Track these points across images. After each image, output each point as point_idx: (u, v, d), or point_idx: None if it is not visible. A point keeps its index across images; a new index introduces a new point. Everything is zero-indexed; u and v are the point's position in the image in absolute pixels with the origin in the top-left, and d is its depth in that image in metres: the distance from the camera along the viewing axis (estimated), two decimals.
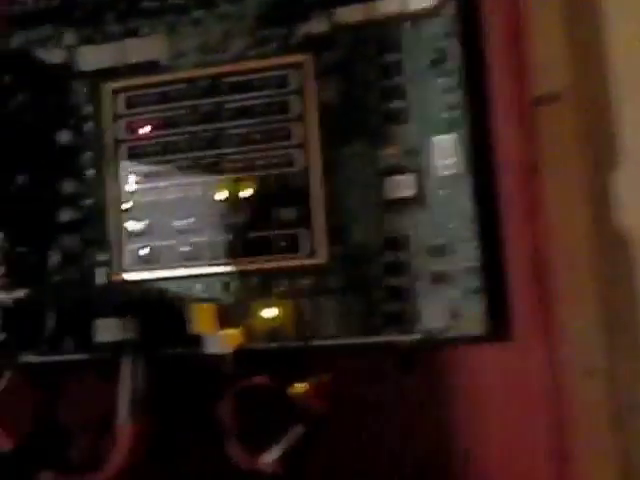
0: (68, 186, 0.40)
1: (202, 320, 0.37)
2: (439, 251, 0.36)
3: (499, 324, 0.36)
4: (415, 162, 0.37)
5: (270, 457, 0.33)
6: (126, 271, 0.39)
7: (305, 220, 0.38)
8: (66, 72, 0.41)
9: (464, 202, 0.36)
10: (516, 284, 0.36)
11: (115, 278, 0.40)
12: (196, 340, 0.38)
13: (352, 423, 0.37)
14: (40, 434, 0.42)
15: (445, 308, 0.36)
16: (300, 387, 0.35)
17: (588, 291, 0.35)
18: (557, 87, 0.36)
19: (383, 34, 0.38)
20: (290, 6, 0.39)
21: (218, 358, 0.36)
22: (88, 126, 0.41)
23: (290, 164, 0.38)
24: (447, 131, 0.37)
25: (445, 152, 0.37)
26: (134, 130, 0.41)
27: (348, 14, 0.37)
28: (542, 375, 0.35)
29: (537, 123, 0.35)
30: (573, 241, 0.35)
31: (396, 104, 0.37)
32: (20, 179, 0.40)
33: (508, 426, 0.36)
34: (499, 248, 0.37)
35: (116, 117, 0.41)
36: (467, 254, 0.36)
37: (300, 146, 0.38)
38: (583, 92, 0.37)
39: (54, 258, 0.39)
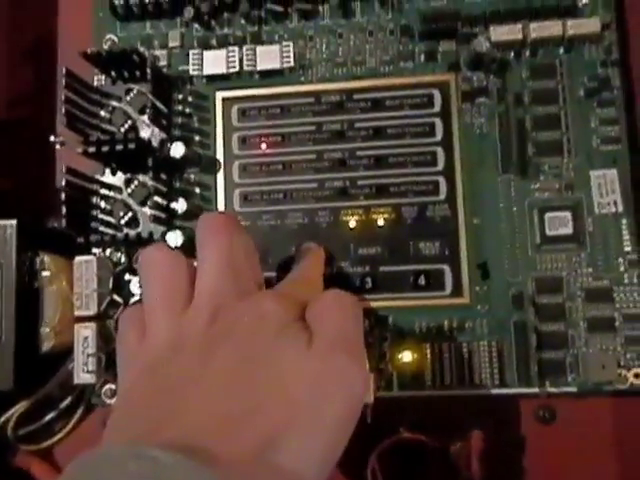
0: (178, 205, 0.35)
1: None
2: (597, 295, 0.34)
3: None
4: (571, 198, 0.34)
5: None
6: None
7: (449, 255, 0.34)
8: (173, 76, 0.37)
9: (625, 243, 0.34)
10: None
11: None
12: None
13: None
14: None
15: (605, 358, 0.33)
16: (458, 445, 0.31)
17: None
18: None
19: (538, 58, 0.35)
20: (434, 22, 0.35)
21: None
22: (197, 139, 0.37)
23: (434, 192, 0.35)
24: (606, 166, 0.34)
25: (604, 188, 0.34)
26: (249, 145, 0.36)
27: (504, 34, 0.34)
28: None
29: None
30: None
31: (551, 134, 0.35)
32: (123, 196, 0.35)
33: None
34: None
35: (228, 130, 0.36)
36: (628, 299, 0.33)
37: (444, 173, 0.35)
38: None
39: None
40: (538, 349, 0.33)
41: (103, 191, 0.36)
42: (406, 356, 0.34)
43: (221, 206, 0.36)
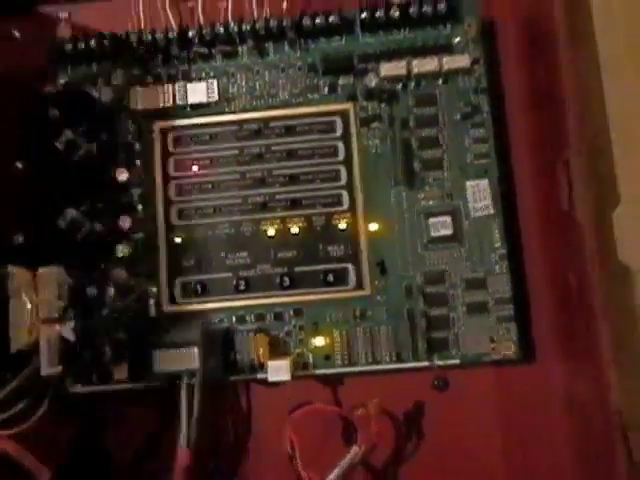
0: (123, 221, 0.42)
1: (262, 350, 0.39)
2: (474, 284, 0.41)
3: (527, 348, 0.41)
4: (451, 204, 0.41)
5: (333, 477, 0.37)
6: (178, 303, 0.42)
7: (352, 255, 0.41)
8: (116, 110, 0.43)
9: (496, 240, 0.41)
10: (540, 313, 0.42)
11: (168, 309, 0.42)
12: (250, 368, 0.41)
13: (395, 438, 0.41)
14: (81, 465, 0.43)
15: (480, 335, 0.40)
16: (359, 410, 0.38)
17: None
18: None
19: (421, 88, 0.42)
20: (334, 60, 0.42)
21: (274, 385, 0.39)
22: (138, 163, 0.43)
23: (338, 203, 0.42)
24: (479, 176, 0.41)
25: (478, 195, 0.41)
26: (183, 168, 0.43)
27: (391, 70, 0.41)
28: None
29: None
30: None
31: (433, 152, 0.42)
32: (77, 215, 0.41)
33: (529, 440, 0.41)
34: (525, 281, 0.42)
35: (165, 155, 0.43)
36: (499, 286, 0.41)
37: (346, 187, 0.42)
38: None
39: (109, 291, 0.41)
40: (427, 330, 0.40)
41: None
42: (319, 341, 0.41)
43: (161, 220, 0.42)
